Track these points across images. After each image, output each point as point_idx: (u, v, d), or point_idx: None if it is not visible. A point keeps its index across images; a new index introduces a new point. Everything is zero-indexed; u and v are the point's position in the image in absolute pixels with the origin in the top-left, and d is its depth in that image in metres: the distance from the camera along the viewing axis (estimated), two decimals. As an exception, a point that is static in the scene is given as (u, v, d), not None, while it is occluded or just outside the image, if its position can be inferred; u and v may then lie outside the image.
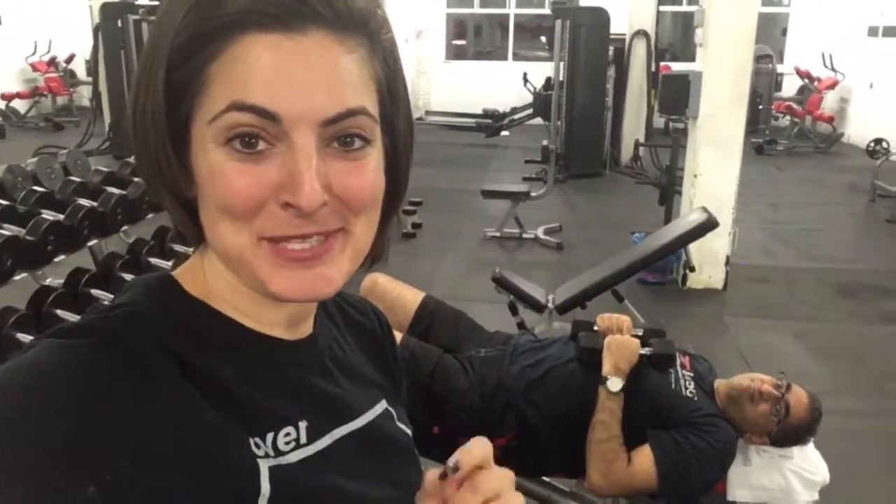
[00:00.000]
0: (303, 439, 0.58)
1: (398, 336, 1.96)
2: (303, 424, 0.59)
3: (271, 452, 0.55)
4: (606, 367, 1.94)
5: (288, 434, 0.57)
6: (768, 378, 1.98)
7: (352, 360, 0.68)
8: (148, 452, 0.48)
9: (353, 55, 0.52)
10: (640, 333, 2.12)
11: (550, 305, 3.14)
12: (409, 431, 0.72)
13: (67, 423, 0.47)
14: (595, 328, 2.13)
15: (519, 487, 2.23)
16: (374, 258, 0.62)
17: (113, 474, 0.46)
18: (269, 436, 0.56)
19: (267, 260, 0.53)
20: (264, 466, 0.54)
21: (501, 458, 1.99)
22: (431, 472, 0.56)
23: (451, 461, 0.55)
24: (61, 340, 0.51)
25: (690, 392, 1.96)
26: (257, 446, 0.55)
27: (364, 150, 0.53)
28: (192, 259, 0.61)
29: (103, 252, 3.05)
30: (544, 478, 2.10)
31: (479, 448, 0.56)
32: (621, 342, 1.99)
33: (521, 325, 2.99)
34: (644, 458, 1.86)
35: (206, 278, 0.59)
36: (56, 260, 2.66)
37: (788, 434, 1.96)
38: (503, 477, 0.57)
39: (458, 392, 1.88)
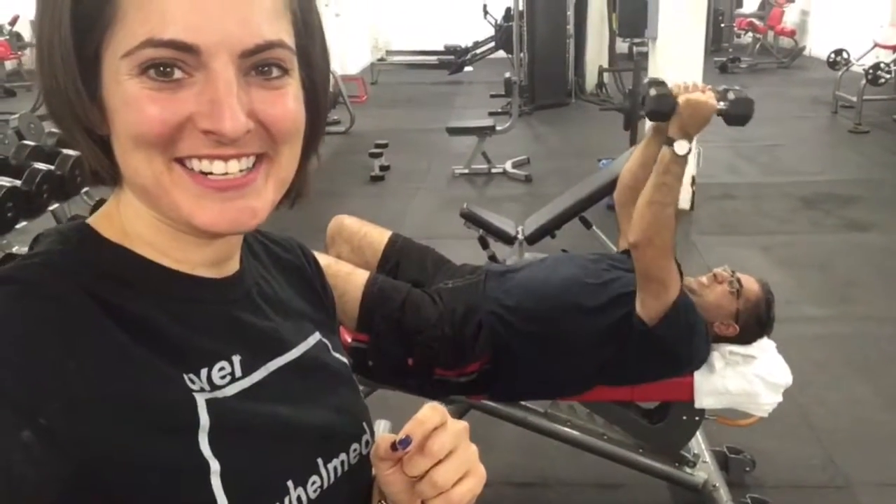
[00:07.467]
0: (238, 373, 0.58)
1: (365, 276, 1.98)
2: (236, 358, 0.59)
3: (207, 387, 0.55)
4: (672, 129, 1.82)
5: (222, 369, 0.57)
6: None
7: (281, 295, 0.68)
8: (80, 394, 0.48)
9: None
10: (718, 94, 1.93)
11: (520, 237, 3.18)
12: (345, 360, 0.72)
13: None
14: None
15: (493, 411, 2.29)
16: (298, 194, 0.61)
17: (46, 418, 0.46)
18: (203, 371, 0.56)
19: (187, 189, 0.52)
20: (201, 400, 0.54)
21: (475, 387, 2.03)
22: (385, 438, 0.56)
23: (402, 434, 0.55)
24: None
25: None
26: (192, 381, 0.54)
27: (283, 79, 0.53)
28: (107, 204, 0.59)
29: (66, 215, 3.02)
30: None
31: (431, 417, 0.56)
32: (698, 102, 1.81)
33: (492, 259, 3.02)
34: (675, 278, 1.85)
35: (122, 222, 0.57)
36: (17, 227, 2.63)
37: (751, 314, 2.02)
38: (457, 431, 0.57)
39: (428, 323, 1.90)
